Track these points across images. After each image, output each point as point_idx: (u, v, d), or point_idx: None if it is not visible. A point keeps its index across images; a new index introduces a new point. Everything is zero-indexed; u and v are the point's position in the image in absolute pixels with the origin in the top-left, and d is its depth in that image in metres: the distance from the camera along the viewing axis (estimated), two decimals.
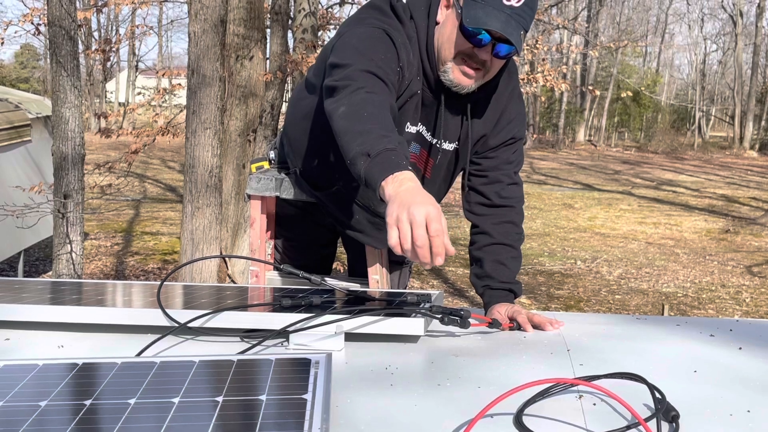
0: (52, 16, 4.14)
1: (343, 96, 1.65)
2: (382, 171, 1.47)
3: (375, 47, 1.75)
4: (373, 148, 1.50)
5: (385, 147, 1.51)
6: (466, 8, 1.74)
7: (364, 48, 1.74)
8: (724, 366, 1.42)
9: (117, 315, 1.54)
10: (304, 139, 2.04)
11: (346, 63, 1.71)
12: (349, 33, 1.81)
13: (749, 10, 34.16)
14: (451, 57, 1.80)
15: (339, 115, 1.62)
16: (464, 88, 1.83)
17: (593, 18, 29.79)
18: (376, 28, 1.79)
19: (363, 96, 1.63)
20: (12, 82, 30.69)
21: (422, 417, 1.13)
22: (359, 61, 1.70)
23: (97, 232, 10.13)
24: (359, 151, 1.52)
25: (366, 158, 1.50)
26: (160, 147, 17.66)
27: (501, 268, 1.92)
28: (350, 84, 1.66)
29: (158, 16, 32.52)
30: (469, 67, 1.80)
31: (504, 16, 1.72)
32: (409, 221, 1.37)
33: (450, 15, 1.81)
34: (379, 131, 1.55)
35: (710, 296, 8.03)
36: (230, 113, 5.49)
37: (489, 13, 1.71)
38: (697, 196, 16.16)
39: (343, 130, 1.59)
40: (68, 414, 1.01)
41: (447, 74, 1.82)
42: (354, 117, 1.59)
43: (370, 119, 1.58)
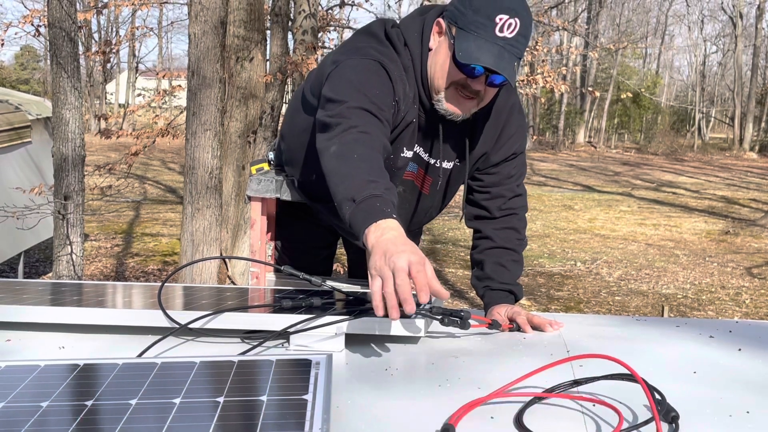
0: (53, 18, 4.15)
1: (334, 134, 1.62)
2: (366, 218, 1.45)
3: (370, 81, 1.71)
4: (358, 194, 1.48)
5: (371, 193, 1.48)
6: (459, 40, 1.70)
7: (359, 82, 1.70)
8: (724, 367, 1.42)
9: (118, 316, 1.54)
10: (303, 152, 2.02)
11: (340, 99, 1.67)
12: (345, 63, 1.77)
13: (749, 12, 34.19)
14: (443, 87, 1.76)
15: (330, 155, 1.59)
16: (458, 116, 1.80)
17: (593, 19, 29.81)
18: (372, 60, 1.75)
19: (355, 136, 1.61)
20: (12, 83, 30.69)
21: (422, 417, 1.14)
22: (354, 97, 1.66)
23: (98, 233, 10.14)
24: (345, 196, 1.50)
25: (351, 204, 1.48)
26: (160, 148, 17.67)
27: (501, 270, 1.92)
28: (342, 122, 1.63)
29: (158, 18, 32.54)
30: (463, 97, 1.77)
31: (497, 48, 1.68)
32: (390, 269, 1.34)
33: (442, 43, 1.77)
34: (367, 176, 1.52)
35: (710, 298, 8.03)
36: (230, 115, 5.49)
37: (481, 46, 1.67)
38: (696, 198, 16.16)
39: (332, 171, 1.56)
40: (69, 415, 1.01)
41: (440, 104, 1.79)
42: (343, 158, 1.57)
43: (359, 161, 1.55)
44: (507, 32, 1.68)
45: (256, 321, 1.50)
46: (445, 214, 11.87)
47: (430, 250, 9.70)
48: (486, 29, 1.68)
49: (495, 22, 1.67)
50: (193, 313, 1.50)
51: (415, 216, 2.06)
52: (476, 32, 1.68)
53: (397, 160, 1.89)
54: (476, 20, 1.68)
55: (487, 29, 1.68)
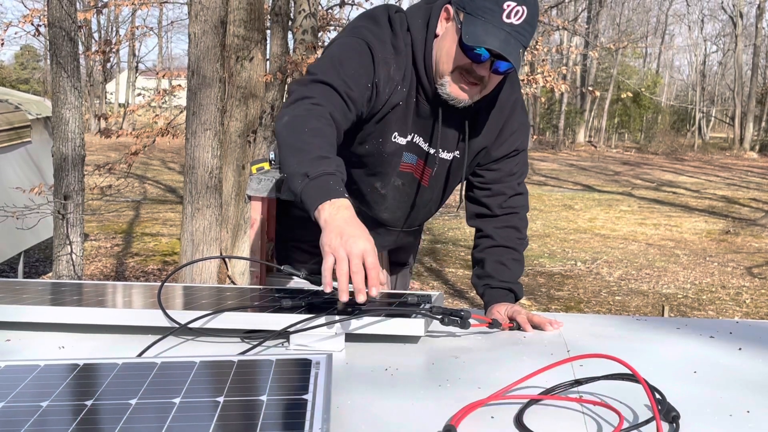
0: (52, 17, 4.15)
1: (290, 103, 1.66)
2: (319, 195, 1.49)
3: (349, 59, 1.75)
4: (312, 170, 1.51)
5: (324, 170, 1.52)
6: (466, 24, 1.72)
7: (338, 59, 1.74)
8: (724, 367, 1.42)
9: (118, 316, 1.54)
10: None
11: (312, 71, 1.74)
12: (336, 42, 1.82)
13: (749, 11, 34.18)
14: (448, 71, 1.78)
15: (282, 124, 1.63)
16: (461, 102, 1.81)
17: (593, 19, 29.81)
18: (360, 39, 1.78)
19: (308, 107, 1.64)
20: (12, 83, 30.69)
21: (422, 417, 1.14)
22: (324, 72, 1.71)
23: (97, 233, 10.13)
24: (298, 170, 1.53)
25: (304, 178, 1.52)
26: (160, 148, 17.67)
27: (502, 268, 1.92)
28: (301, 93, 1.68)
29: (158, 17, 32.55)
30: (467, 82, 1.78)
31: (503, 34, 1.69)
32: (346, 251, 1.40)
33: (449, 29, 1.78)
34: (319, 151, 1.56)
35: (710, 297, 8.03)
36: (230, 114, 5.49)
37: (488, 30, 1.69)
38: (697, 198, 16.16)
39: (284, 142, 1.60)
40: (69, 414, 1.01)
41: (444, 88, 1.80)
42: (295, 130, 1.60)
43: (311, 136, 1.59)
44: (514, 19, 1.70)
45: (256, 321, 1.50)
46: (445, 214, 11.86)
47: (430, 249, 9.70)
48: (493, 14, 1.70)
49: (503, 8, 1.69)
50: (193, 313, 1.50)
51: (414, 210, 2.06)
52: (483, 17, 1.70)
53: (386, 144, 1.89)
54: (484, 5, 1.70)
55: (494, 14, 1.70)
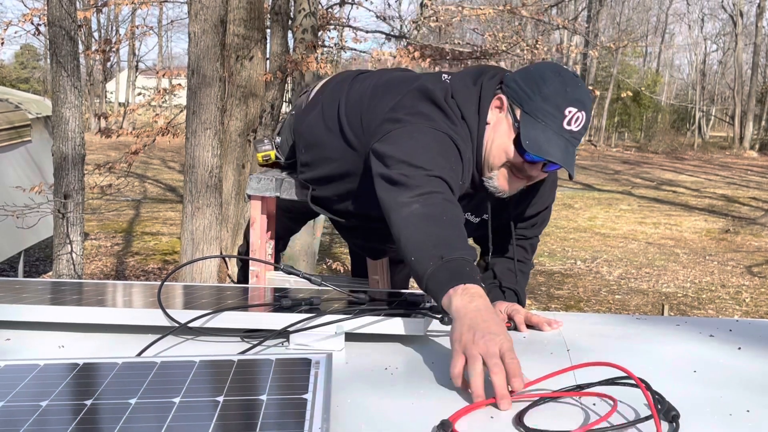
0: (52, 17, 4.14)
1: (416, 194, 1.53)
2: (452, 278, 1.35)
3: (447, 155, 1.64)
4: (447, 253, 1.40)
5: (462, 256, 1.41)
6: (525, 126, 1.65)
7: (437, 152, 1.63)
8: (724, 366, 1.42)
9: (117, 315, 1.54)
10: (325, 177, 1.97)
11: (419, 165, 1.59)
12: (416, 127, 1.68)
13: (749, 10, 34.17)
14: (498, 165, 1.72)
15: (411, 212, 1.50)
16: (505, 194, 1.77)
17: (593, 18, 29.78)
18: (446, 135, 1.67)
19: (440, 201, 1.53)
20: (12, 82, 30.69)
21: (422, 417, 1.14)
22: (435, 166, 1.59)
23: (98, 232, 10.13)
24: (432, 253, 1.41)
25: (438, 261, 1.39)
26: (160, 147, 17.66)
27: (509, 274, 1.92)
28: (425, 186, 1.55)
29: (158, 17, 32.51)
30: (515, 177, 1.73)
31: (563, 142, 1.64)
32: (480, 351, 1.20)
33: (502, 120, 1.71)
34: (458, 242, 1.45)
35: (710, 296, 8.03)
36: (230, 113, 5.49)
37: (550, 139, 1.63)
38: (697, 196, 16.16)
39: (415, 228, 1.48)
40: (69, 414, 1.01)
41: (492, 181, 1.74)
42: (431, 219, 1.49)
43: (448, 225, 1.48)
44: (574, 125, 1.65)
45: (256, 320, 1.50)
46: None
47: None
48: (554, 120, 1.64)
49: (564, 115, 1.64)
50: (193, 312, 1.50)
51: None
52: (544, 121, 1.64)
53: None
54: (545, 109, 1.64)
55: (555, 120, 1.64)
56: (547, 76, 1.67)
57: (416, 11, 10.76)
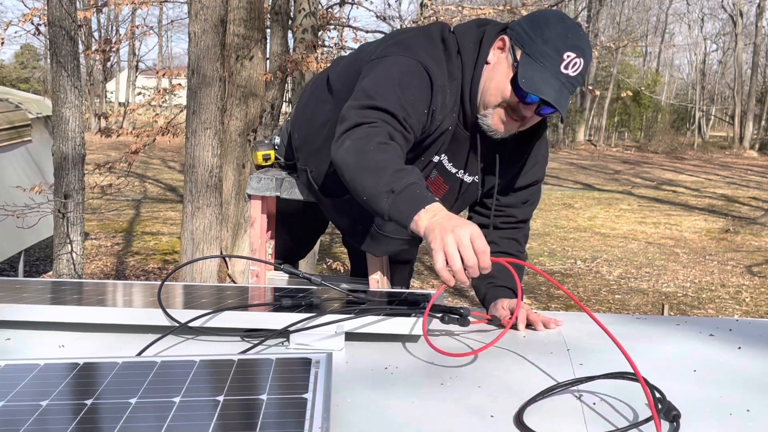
0: (52, 17, 4.15)
1: (351, 130, 1.63)
2: (412, 207, 1.48)
3: (409, 84, 1.71)
4: (395, 185, 1.51)
5: (408, 182, 1.51)
6: (523, 65, 1.70)
7: (398, 83, 1.70)
8: (724, 365, 1.42)
9: (118, 315, 1.54)
10: (323, 143, 1.98)
11: (374, 95, 1.68)
12: (391, 59, 1.76)
13: (749, 10, 34.16)
14: (494, 104, 1.76)
15: (345, 149, 1.61)
16: (498, 134, 1.81)
17: (593, 18, 29.78)
18: (418, 62, 1.73)
19: (368, 130, 1.62)
20: (12, 82, 30.69)
21: (422, 417, 1.14)
22: (385, 98, 1.67)
23: (98, 232, 10.13)
24: (380, 189, 1.52)
25: (390, 195, 1.51)
26: (160, 147, 17.66)
27: (505, 271, 1.91)
28: (362, 120, 1.64)
29: (158, 16, 32.49)
30: (509, 118, 1.77)
31: (558, 84, 1.69)
32: (455, 243, 1.40)
33: (503, 60, 1.75)
34: (394, 164, 1.55)
35: (710, 296, 8.03)
36: (230, 113, 5.49)
37: (546, 79, 1.68)
38: (697, 196, 16.16)
39: (355, 166, 1.58)
40: (69, 413, 1.01)
41: (486, 119, 1.78)
42: (362, 150, 1.58)
43: (379, 151, 1.57)
44: (571, 70, 1.69)
45: (256, 320, 1.50)
46: None
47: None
48: (552, 62, 1.68)
49: (563, 58, 1.68)
50: (193, 312, 1.50)
51: None
52: (542, 63, 1.68)
53: (425, 166, 1.88)
54: (544, 51, 1.68)
55: (553, 63, 1.68)
56: (551, 21, 1.73)
57: (416, 11, 10.76)
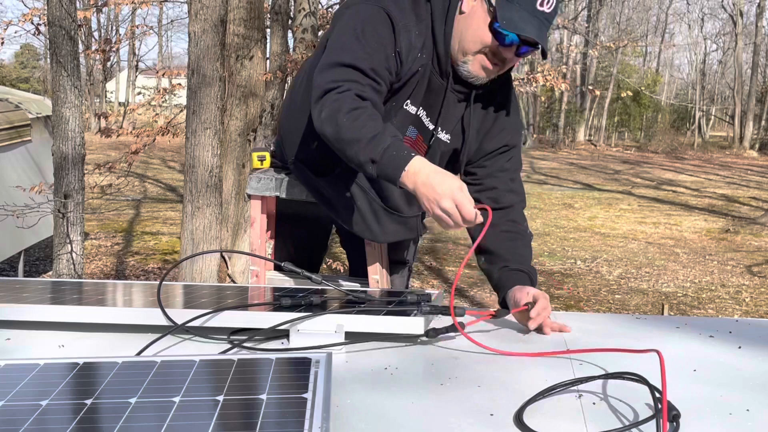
0: (52, 16, 4.15)
1: (322, 98, 1.68)
2: (394, 171, 1.58)
3: (370, 31, 1.75)
4: (374, 153, 1.59)
5: (384, 146, 1.59)
6: (500, 8, 1.72)
7: (360, 32, 1.74)
8: (724, 365, 1.42)
9: (118, 315, 1.54)
10: (302, 127, 2.02)
11: (337, 51, 1.73)
12: (353, 9, 1.80)
13: (749, 10, 34.16)
14: (473, 51, 1.79)
15: (322, 121, 1.67)
16: (480, 80, 1.83)
17: (593, 18, 29.78)
18: (377, 6, 1.77)
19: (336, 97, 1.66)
20: (12, 82, 30.69)
21: (422, 417, 1.14)
22: (348, 52, 1.72)
23: (98, 232, 10.13)
24: (362, 160, 1.61)
25: (371, 164, 1.60)
26: (160, 147, 17.66)
27: (514, 251, 1.88)
28: (330, 85, 1.69)
29: (158, 16, 32.52)
30: (490, 62, 1.79)
31: (537, 22, 1.72)
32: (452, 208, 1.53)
33: (477, 8, 1.78)
34: (368, 133, 1.61)
35: (710, 296, 8.03)
36: (230, 113, 5.49)
37: (524, 18, 1.71)
38: (697, 196, 16.16)
39: (335, 138, 1.65)
40: (69, 413, 1.01)
41: (466, 65, 1.81)
42: (337, 122, 1.64)
43: (352, 119, 1.63)
44: (546, 7, 1.73)
45: (256, 319, 1.50)
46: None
47: (430, 248, 9.70)
48: (528, 2, 1.72)
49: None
50: (193, 312, 1.50)
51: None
52: (518, 3, 1.72)
53: (398, 111, 1.89)
54: None
55: (529, 2, 1.72)
56: None
57: None
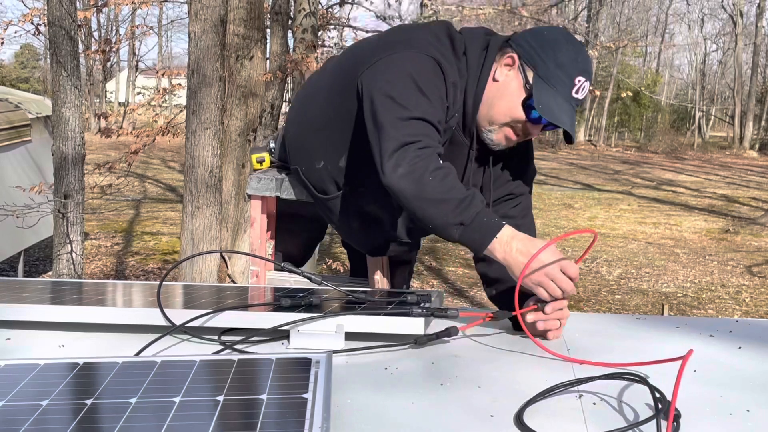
0: (52, 16, 4.14)
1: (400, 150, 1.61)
2: (483, 237, 1.54)
3: (430, 82, 1.70)
4: (464, 216, 1.55)
5: (476, 211, 1.55)
6: (537, 89, 1.70)
7: (421, 84, 1.68)
8: (724, 365, 1.42)
9: (117, 315, 1.54)
10: (312, 143, 1.98)
11: (405, 103, 1.65)
12: (402, 57, 1.73)
13: (749, 10, 34.16)
14: (502, 122, 1.76)
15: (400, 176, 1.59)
16: (500, 148, 1.82)
17: (593, 18, 29.77)
18: (429, 57, 1.72)
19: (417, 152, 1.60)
20: (12, 82, 30.69)
21: (422, 417, 1.14)
22: (417, 106, 1.66)
23: (98, 232, 10.13)
24: (449, 221, 1.56)
25: (459, 227, 1.56)
26: (160, 147, 17.66)
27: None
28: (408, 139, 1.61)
29: (158, 16, 32.48)
30: (515, 134, 1.78)
31: (570, 108, 1.71)
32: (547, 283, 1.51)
33: (513, 79, 1.74)
34: (457, 193, 1.57)
35: (710, 296, 8.03)
36: (230, 113, 5.49)
37: (560, 105, 1.70)
38: (697, 196, 16.16)
39: (416, 196, 1.58)
40: (69, 413, 1.01)
41: (491, 134, 1.79)
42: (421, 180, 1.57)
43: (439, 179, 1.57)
44: (580, 94, 1.73)
45: (256, 319, 1.50)
46: None
47: (430, 248, 9.70)
48: (565, 87, 1.71)
49: (574, 83, 1.71)
50: (193, 312, 1.50)
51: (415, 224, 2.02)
52: (555, 87, 1.70)
53: None
54: (557, 75, 1.70)
55: (566, 88, 1.71)
56: (561, 43, 1.73)
57: (416, 11, 10.75)
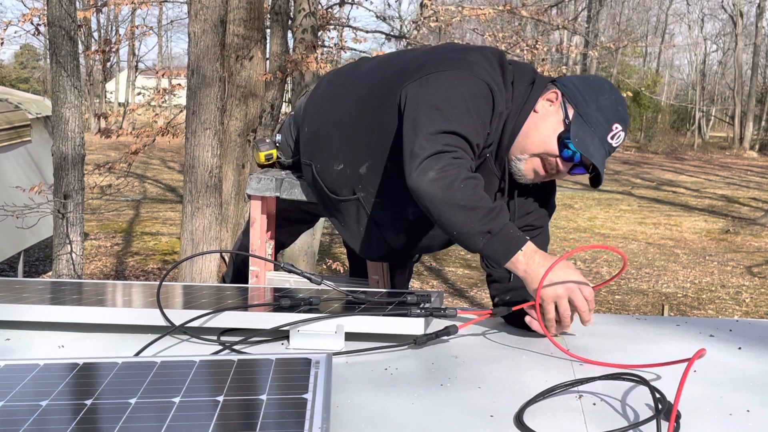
0: (52, 17, 4.14)
1: (433, 157, 1.62)
2: (507, 248, 1.55)
3: (480, 107, 1.71)
4: (492, 225, 1.55)
5: (503, 222, 1.56)
6: (576, 125, 1.73)
7: (471, 106, 1.70)
8: (724, 366, 1.42)
9: (117, 315, 1.54)
10: (332, 143, 1.96)
11: (450, 117, 1.67)
12: (456, 75, 1.74)
13: (749, 11, 34.15)
14: (533, 153, 1.77)
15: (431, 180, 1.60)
16: (525, 180, 1.82)
17: (593, 18, 29.76)
18: (485, 84, 1.73)
19: (451, 161, 1.61)
20: (12, 82, 30.68)
21: (422, 417, 1.14)
22: (461, 122, 1.67)
23: (97, 232, 10.13)
24: (476, 229, 1.56)
25: (486, 236, 1.56)
26: (160, 147, 17.66)
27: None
28: (443, 148, 1.63)
29: (158, 17, 32.45)
30: (542, 168, 1.79)
31: (603, 151, 1.74)
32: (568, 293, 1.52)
33: (553, 113, 1.76)
34: (486, 203, 1.58)
35: (710, 296, 8.03)
36: (230, 113, 5.49)
37: (596, 145, 1.72)
38: (697, 197, 16.16)
39: (444, 200, 1.58)
40: (69, 414, 1.01)
41: (519, 163, 1.79)
42: (452, 186, 1.58)
43: (470, 188, 1.59)
44: (614, 141, 1.75)
45: (256, 320, 1.50)
46: None
47: None
48: (602, 130, 1.73)
49: (611, 129, 1.74)
50: (193, 312, 1.50)
51: (424, 238, 2.01)
52: (593, 128, 1.73)
53: None
54: (596, 117, 1.73)
55: (603, 131, 1.74)
56: (605, 89, 1.79)
57: (416, 11, 10.76)
